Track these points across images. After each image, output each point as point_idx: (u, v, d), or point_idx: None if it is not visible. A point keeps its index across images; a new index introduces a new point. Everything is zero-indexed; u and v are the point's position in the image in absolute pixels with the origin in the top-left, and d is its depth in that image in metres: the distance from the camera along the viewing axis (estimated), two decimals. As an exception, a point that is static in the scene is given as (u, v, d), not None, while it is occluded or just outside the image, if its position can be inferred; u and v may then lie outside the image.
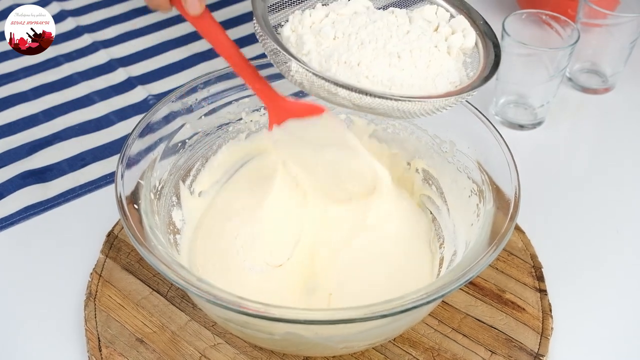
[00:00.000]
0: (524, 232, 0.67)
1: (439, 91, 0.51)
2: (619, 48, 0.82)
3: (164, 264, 0.48)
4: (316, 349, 0.56)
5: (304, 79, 0.50)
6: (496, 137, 0.58)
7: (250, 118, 0.67)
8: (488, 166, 0.57)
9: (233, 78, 0.64)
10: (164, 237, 0.55)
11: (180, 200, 0.62)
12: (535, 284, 0.63)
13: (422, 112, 0.50)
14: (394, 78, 0.49)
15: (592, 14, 0.80)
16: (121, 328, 0.59)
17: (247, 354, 0.58)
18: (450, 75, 0.52)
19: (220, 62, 0.90)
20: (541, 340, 0.59)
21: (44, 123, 0.81)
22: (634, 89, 0.88)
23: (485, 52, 0.54)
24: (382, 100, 0.48)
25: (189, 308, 0.61)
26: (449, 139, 0.62)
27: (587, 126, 0.83)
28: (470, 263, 0.49)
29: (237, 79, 0.64)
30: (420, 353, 0.58)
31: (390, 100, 0.48)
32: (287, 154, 0.61)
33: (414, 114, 0.50)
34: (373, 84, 0.49)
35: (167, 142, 0.60)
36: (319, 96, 0.51)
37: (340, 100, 0.50)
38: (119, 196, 0.53)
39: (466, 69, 0.53)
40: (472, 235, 0.55)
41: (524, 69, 0.77)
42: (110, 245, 0.66)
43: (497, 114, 0.82)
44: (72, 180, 0.74)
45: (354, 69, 0.49)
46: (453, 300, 0.62)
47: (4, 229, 0.69)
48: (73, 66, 0.89)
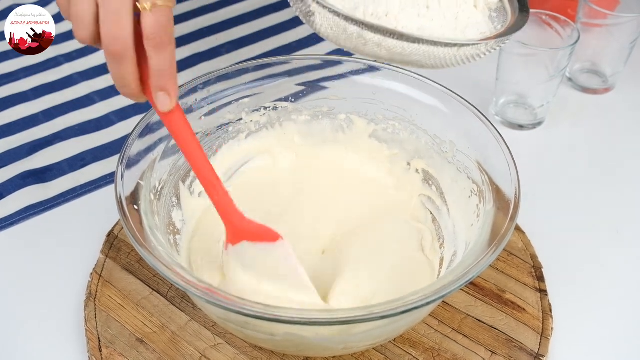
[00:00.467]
0: (524, 233, 0.67)
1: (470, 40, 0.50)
2: (619, 48, 0.82)
3: (164, 265, 0.48)
4: (316, 349, 0.56)
5: (331, 25, 0.47)
6: (496, 137, 0.58)
7: (250, 118, 0.67)
8: (488, 166, 0.57)
9: (233, 78, 0.64)
10: (163, 238, 0.55)
11: (180, 201, 0.62)
12: (536, 284, 0.63)
13: (455, 59, 0.49)
14: (423, 28, 0.48)
15: (592, 14, 0.80)
16: (121, 328, 0.59)
17: (247, 354, 0.58)
18: (480, 27, 0.51)
19: (221, 62, 0.90)
20: (541, 341, 0.59)
21: (44, 123, 0.81)
22: (634, 89, 0.88)
23: (511, 4, 0.54)
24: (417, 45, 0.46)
25: (189, 308, 0.61)
26: (449, 139, 0.62)
27: (587, 126, 0.83)
28: (471, 264, 0.49)
29: (237, 79, 0.64)
30: (421, 353, 0.58)
31: (426, 45, 0.46)
32: (233, 276, 0.55)
33: (447, 60, 0.49)
34: None
35: (167, 143, 0.60)
36: (347, 47, 0.48)
37: (370, 48, 0.47)
38: (118, 197, 0.53)
39: (493, 23, 0.53)
40: (472, 236, 0.55)
41: (524, 69, 0.77)
42: (110, 245, 0.66)
43: (497, 114, 0.82)
44: (72, 180, 0.74)
45: (381, 20, 0.47)
46: (453, 301, 0.62)
47: (4, 229, 0.69)
48: (73, 66, 0.89)
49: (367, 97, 0.66)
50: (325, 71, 0.64)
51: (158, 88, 0.49)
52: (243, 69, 0.64)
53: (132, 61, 0.47)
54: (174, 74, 0.49)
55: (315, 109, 0.68)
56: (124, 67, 0.48)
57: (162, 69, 0.48)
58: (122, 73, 0.48)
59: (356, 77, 0.66)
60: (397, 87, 0.65)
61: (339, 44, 0.49)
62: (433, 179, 0.65)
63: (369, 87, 0.65)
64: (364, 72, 0.65)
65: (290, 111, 0.68)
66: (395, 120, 0.66)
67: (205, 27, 0.96)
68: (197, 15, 0.98)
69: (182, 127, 0.51)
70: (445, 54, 0.48)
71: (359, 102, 0.66)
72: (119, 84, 0.49)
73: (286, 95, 0.67)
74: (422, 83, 0.63)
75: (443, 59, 0.48)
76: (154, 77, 0.48)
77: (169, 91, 0.49)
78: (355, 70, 0.66)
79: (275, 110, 0.68)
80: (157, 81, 0.48)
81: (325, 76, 0.63)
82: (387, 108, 0.66)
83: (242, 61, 0.72)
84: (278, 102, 0.67)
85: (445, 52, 0.48)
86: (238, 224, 0.54)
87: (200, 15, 0.98)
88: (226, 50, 0.92)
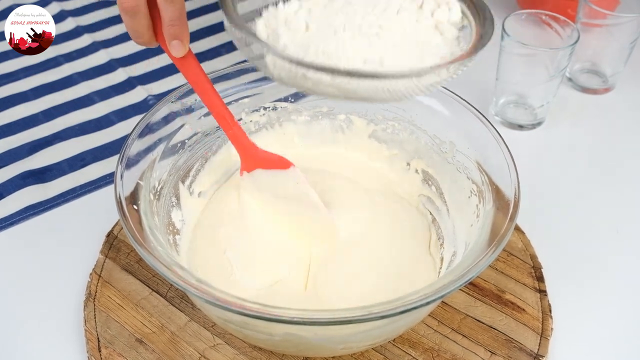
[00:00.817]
0: (523, 233, 0.67)
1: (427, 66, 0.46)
2: (619, 48, 0.82)
3: (164, 265, 0.48)
4: (316, 349, 0.56)
5: (282, 69, 0.46)
6: (496, 137, 0.58)
7: (250, 118, 0.67)
8: (488, 166, 0.57)
9: (233, 78, 0.64)
10: (163, 238, 0.55)
11: (179, 201, 0.62)
12: (535, 285, 0.63)
13: (413, 90, 0.46)
14: (376, 59, 0.46)
15: (592, 14, 0.80)
16: (121, 328, 0.59)
17: (247, 354, 0.58)
18: (439, 50, 0.48)
19: (220, 62, 0.90)
20: (541, 341, 0.59)
21: (44, 123, 0.81)
22: (634, 89, 0.87)
23: (478, 21, 0.50)
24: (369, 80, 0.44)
25: (189, 308, 0.61)
26: (449, 139, 0.62)
27: (587, 126, 0.83)
28: (470, 264, 0.49)
29: (237, 79, 0.65)
30: (420, 353, 0.58)
31: (378, 79, 0.44)
32: (253, 198, 0.62)
33: (405, 92, 0.46)
34: None
35: (166, 143, 0.60)
36: (302, 88, 0.47)
37: (324, 88, 0.45)
38: (118, 197, 0.53)
39: (459, 44, 0.50)
40: (472, 236, 0.55)
41: (524, 69, 0.77)
42: (109, 245, 0.66)
43: (497, 114, 0.82)
44: (72, 180, 0.74)
45: (332, 57, 0.46)
46: (453, 301, 0.62)
47: (4, 229, 0.69)
48: (73, 66, 0.89)
49: (367, 97, 0.66)
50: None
51: (171, 37, 0.52)
52: (243, 69, 0.64)
53: (144, 15, 0.51)
54: (184, 22, 0.52)
55: (314, 109, 0.68)
56: (137, 21, 0.51)
57: (173, 18, 0.51)
58: (135, 26, 0.52)
59: (356, 77, 0.65)
60: (396, 87, 0.64)
61: (293, 85, 0.48)
62: (433, 179, 0.65)
63: (369, 87, 0.65)
64: (364, 72, 0.65)
65: (289, 111, 0.68)
66: (395, 120, 0.66)
67: (206, 27, 0.96)
68: (197, 15, 0.98)
69: (195, 69, 0.55)
70: (400, 85, 0.45)
71: (359, 102, 0.66)
72: (133, 35, 0.53)
73: (285, 95, 0.67)
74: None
75: (399, 91, 0.46)
76: (167, 27, 0.52)
77: (182, 38, 0.53)
78: (355, 70, 0.66)
79: (275, 110, 0.68)
80: (170, 30, 0.52)
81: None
82: (387, 108, 0.66)
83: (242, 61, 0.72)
84: (277, 102, 0.68)
85: (399, 84, 0.45)
86: (252, 153, 0.59)
87: (201, 15, 0.98)
88: (226, 50, 0.92)
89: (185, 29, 0.53)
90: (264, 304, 0.46)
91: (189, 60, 0.55)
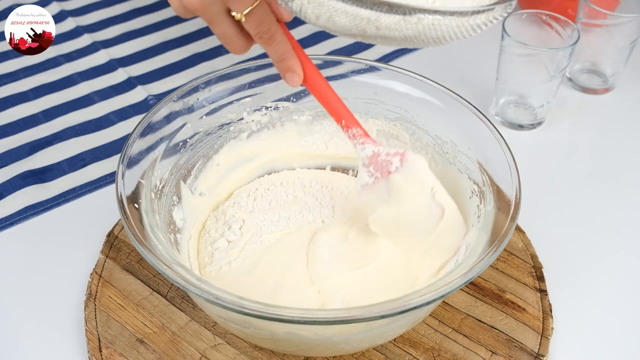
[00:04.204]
0: (524, 233, 0.67)
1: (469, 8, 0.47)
2: (619, 48, 0.83)
3: (164, 264, 0.48)
4: (316, 349, 0.56)
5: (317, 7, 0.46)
6: (496, 137, 0.58)
7: (252, 118, 0.67)
8: (489, 167, 0.57)
9: (234, 78, 0.64)
10: (164, 237, 0.55)
11: (181, 200, 0.62)
12: (536, 284, 0.63)
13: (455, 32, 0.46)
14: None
15: (592, 14, 0.80)
16: (121, 328, 0.59)
17: (248, 354, 0.58)
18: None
19: (221, 62, 0.90)
20: (541, 341, 0.59)
21: (44, 123, 0.81)
22: (634, 89, 0.88)
23: None
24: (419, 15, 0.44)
25: (189, 308, 0.61)
26: (450, 139, 0.62)
27: (587, 126, 0.83)
28: (471, 264, 0.49)
29: (237, 79, 0.65)
30: (421, 353, 0.58)
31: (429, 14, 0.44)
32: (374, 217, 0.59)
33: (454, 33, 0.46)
34: None
35: (168, 142, 0.60)
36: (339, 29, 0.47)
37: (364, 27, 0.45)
38: (119, 196, 0.53)
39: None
40: (473, 236, 0.55)
41: (524, 69, 0.77)
42: (110, 245, 0.66)
43: (497, 114, 0.82)
44: (72, 181, 0.74)
45: None
46: (453, 301, 0.62)
47: (4, 229, 0.69)
48: (73, 66, 0.89)
49: (368, 97, 0.66)
50: (326, 71, 0.64)
51: (284, 71, 0.54)
52: (244, 69, 0.64)
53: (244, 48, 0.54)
54: (291, 53, 0.54)
55: (316, 109, 0.68)
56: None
57: (280, 54, 0.53)
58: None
59: (357, 76, 0.66)
60: (398, 87, 0.65)
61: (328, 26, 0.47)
62: (433, 180, 0.65)
63: (370, 87, 0.66)
64: (365, 72, 0.66)
65: (291, 111, 0.68)
66: (397, 120, 0.66)
67: (206, 27, 0.96)
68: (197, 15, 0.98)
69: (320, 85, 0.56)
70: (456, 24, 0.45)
71: (360, 102, 0.66)
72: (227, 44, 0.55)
73: (287, 95, 0.67)
74: (423, 83, 0.63)
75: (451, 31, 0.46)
76: (277, 64, 0.54)
77: (294, 70, 0.54)
78: (357, 70, 0.66)
79: (277, 110, 0.68)
80: (281, 66, 0.54)
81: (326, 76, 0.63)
82: (389, 108, 0.66)
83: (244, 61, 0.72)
84: (279, 101, 0.67)
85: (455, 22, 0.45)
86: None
87: (201, 15, 0.98)
88: (226, 50, 0.92)
89: (295, 60, 0.54)
90: (264, 303, 0.46)
91: (309, 79, 0.55)
